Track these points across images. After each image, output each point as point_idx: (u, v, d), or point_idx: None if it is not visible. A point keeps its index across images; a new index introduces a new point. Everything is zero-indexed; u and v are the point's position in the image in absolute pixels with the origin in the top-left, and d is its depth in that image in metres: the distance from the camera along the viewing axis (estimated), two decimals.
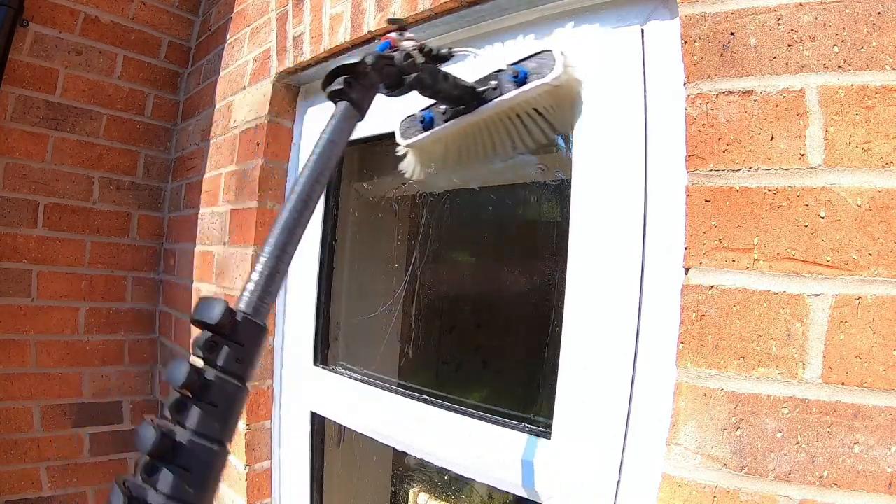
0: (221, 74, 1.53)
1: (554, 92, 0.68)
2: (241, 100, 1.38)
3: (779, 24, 0.53)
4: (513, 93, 0.68)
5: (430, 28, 0.92)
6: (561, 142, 0.72)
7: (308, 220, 0.48)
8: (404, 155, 0.87)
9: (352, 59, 0.57)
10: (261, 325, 0.42)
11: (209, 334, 0.39)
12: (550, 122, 0.71)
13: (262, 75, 1.30)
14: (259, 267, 0.43)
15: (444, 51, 0.67)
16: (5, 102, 1.45)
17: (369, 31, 0.99)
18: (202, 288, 1.47)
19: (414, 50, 0.63)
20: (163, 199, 1.78)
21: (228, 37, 1.53)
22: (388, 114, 1.04)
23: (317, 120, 1.24)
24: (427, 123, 0.80)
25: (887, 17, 0.48)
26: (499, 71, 0.70)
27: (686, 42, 0.59)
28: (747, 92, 0.55)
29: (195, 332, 0.40)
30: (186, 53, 1.79)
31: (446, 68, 0.69)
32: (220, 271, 1.37)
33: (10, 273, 1.47)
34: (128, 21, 1.66)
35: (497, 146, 0.75)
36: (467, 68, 0.76)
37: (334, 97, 0.56)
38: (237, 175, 1.33)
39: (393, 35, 0.65)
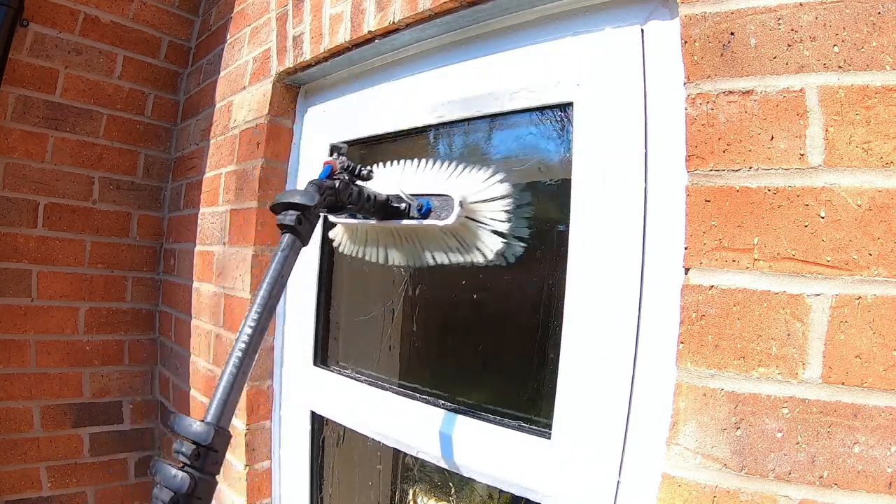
0: (221, 74, 1.53)
1: (450, 228, 0.81)
2: (241, 100, 1.38)
3: (779, 24, 0.53)
4: (414, 221, 0.83)
5: (431, 28, 0.92)
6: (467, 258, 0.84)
7: (261, 341, 0.60)
8: (334, 225, 1.02)
9: (290, 196, 0.68)
10: (229, 435, 0.55)
11: (192, 446, 0.51)
12: (453, 242, 0.84)
13: (262, 75, 1.30)
14: (223, 384, 0.55)
15: (365, 172, 0.80)
16: (5, 102, 1.45)
17: (369, 31, 0.99)
18: (202, 288, 1.47)
19: (345, 173, 0.77)
20: (163, 199, 1.78)
21: (228, 37, 1.53)
22: (389, 115, 1.04)
23: (317, 120, 1.24)
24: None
25: (887, 17, 0.48)
26: (408, 197, 0.84)
27: (686, 42, 0.59)
28: (747, 92, 0.55)
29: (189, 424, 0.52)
30: (186, 53, 1.79)
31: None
32: (220, 271, 1.36)
33: (10, 273, 1.47)
34: (128, 21, 1.66)
35: (407, 248, 0.90)
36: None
37: (284, 230, 0.67)
38: (237, 175, 1.33)
39: (332, 159, 0.77)
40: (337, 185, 0.73)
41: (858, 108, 0.49)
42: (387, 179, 0.89)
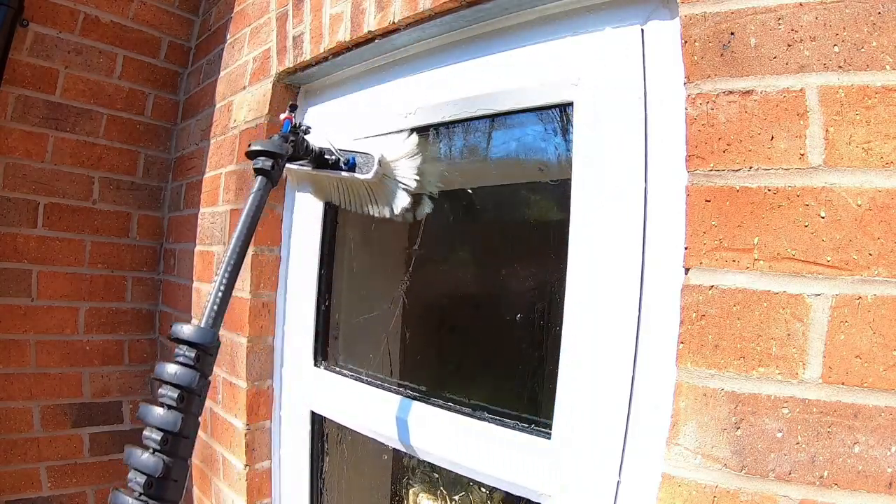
0: (221, 74, 1.53)
1: (372, 182, 0.93)
2: (241, 99, 1.38)
3: (779, 24, 0.53)
4: (341, 173, 0.95)
5: (431, 28, 0.92)
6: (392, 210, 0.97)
7: (239, 269, 0.73)
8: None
9: (266, 145, 0.81)
10: (218, 342, 0.66)
11: (194, 350, 0.62)
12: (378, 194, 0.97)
13: (262, 75, 1.30)
14: (212, 298, 0.68)
15: (304, 127, 0.93)
16: (5, 102, 1.45)
17: (369, 31, 0.99)
18: (202, 288, 1.47)
19: (298, 128, 0.90)
20: (163, 198, 1.78)
21: (228, 37, 1.53)
22: (389, 115, 1.04)
23: (317, 120, 1.24)
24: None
25: (887, 17, 0.48)
26: (337, 151, 0.96)
27: (686, 42, 0.59)
28: (747, 92, 0.55)
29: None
30: (186, 53, 1.79)
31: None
32: None
33: (10, 273, 1.47)
34: (128, 21, 1.66)
35: (348, 197, 1.03)
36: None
37: (259, 173, 0.79)
38: (237, 175, 1.33)
39: (292, 115, 0.90)
40: (297, 138, 0.87)
41: (858, 108, 0.49)
42: (336, 139, 1.01)
